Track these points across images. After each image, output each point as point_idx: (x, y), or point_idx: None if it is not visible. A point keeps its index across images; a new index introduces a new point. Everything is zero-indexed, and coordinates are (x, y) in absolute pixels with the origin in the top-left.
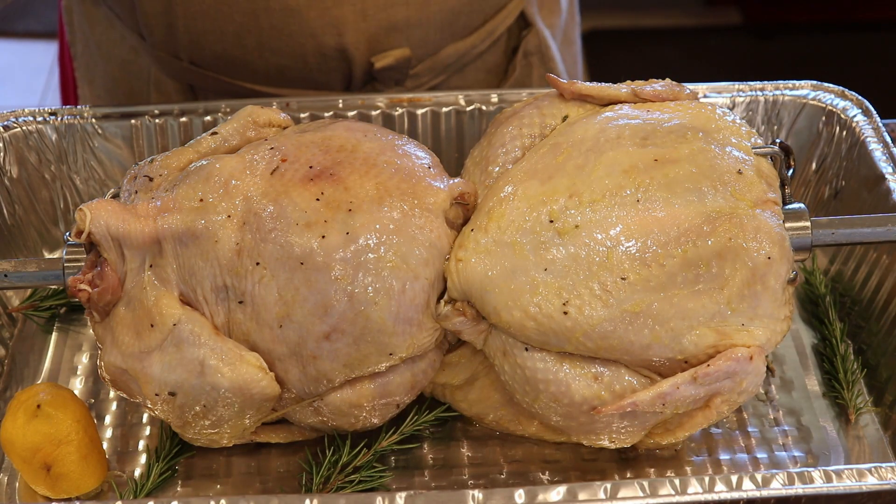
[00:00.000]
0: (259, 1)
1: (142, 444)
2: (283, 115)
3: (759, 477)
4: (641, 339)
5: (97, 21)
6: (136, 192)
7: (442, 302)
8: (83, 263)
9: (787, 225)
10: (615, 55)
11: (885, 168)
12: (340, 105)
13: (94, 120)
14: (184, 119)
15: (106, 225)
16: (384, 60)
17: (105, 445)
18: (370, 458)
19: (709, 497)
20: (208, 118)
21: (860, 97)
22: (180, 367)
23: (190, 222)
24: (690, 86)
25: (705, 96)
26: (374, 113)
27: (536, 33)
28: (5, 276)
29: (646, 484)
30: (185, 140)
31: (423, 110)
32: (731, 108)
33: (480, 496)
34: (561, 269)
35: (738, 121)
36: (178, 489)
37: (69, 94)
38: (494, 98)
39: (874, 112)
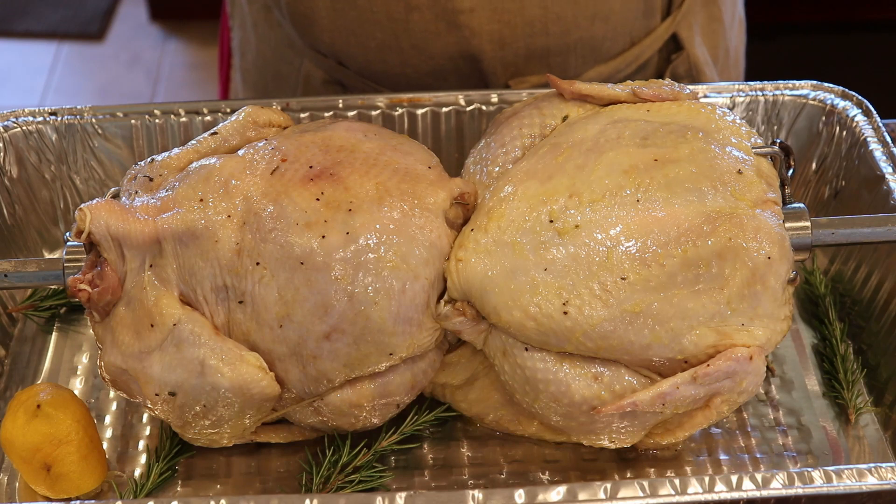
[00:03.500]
0: (399, 22)
1: (142, 444)
2: (283, 115)
3: (759, 477)
4: (641, 339)
5: (256, 2)
6: (136, 192)
7: (442, 302)
8: (83, 263)
9: (787, 225)
10: None
11: (885, 168)
12: (340, 105)
13: (94, 120)
14: (184, 119)
15: (106, 225)
16: (521, 86)
17: (105, 445)
18: (370, 458)
19: (709, 497)
20: (208, 118)
21: (860, 97)
22: (180, 367)
23: (190, 222)
24: (690, 86)
25: (705, 96)
26: (374, 113)
27: (688, 57)
28: (5, 276)
29: (646, 484)
30: (185, 140)
31: (423, 110)
32: (731, 108)
33: (480, 496)
34: (561, 269)
35: (738, 121)
36: (178, 489)
37: (224, 64)
38: (494, 98)
39: (874, 112)
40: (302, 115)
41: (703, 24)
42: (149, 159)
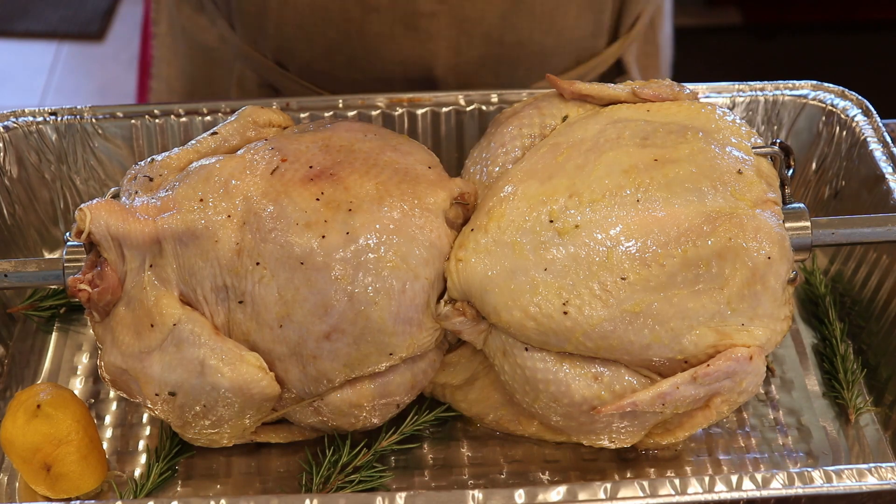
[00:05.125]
0: (354, 22)
1: (142, 444)
2: (283, 115)
3: (759, 477)
4: (641, 339)
5: (186, 2)
6: (136, 192)
7: (442, 302)
8: (83, 263)
9: (787, 225)
10: None
11: (885, 168)
12: (340, 105)
13: (94, 120)
14: (184, 119)
15: (106, 225)
16: None
17: (105, 445)
18: (370, 458)
19: (709, 497)
20: (208, 118)
21: (860, 97)
22: (180, 367)
23: (190, 222)
24: (690, 86)
25: (705, 96)
26: (374, 113)
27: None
28: (5, 276)
29: (646, 484)
30: (185, 140)
31: (423, 110)
32: (731, 108)
33: (480, 496)
34: (561, 269)
35: (738, 121)
36: (178, 489)
37: (145, 73)
38: (494, 98)
39: (874, 112)
40: (302, 115)
41: (644, 51)
42: (149, 159)
